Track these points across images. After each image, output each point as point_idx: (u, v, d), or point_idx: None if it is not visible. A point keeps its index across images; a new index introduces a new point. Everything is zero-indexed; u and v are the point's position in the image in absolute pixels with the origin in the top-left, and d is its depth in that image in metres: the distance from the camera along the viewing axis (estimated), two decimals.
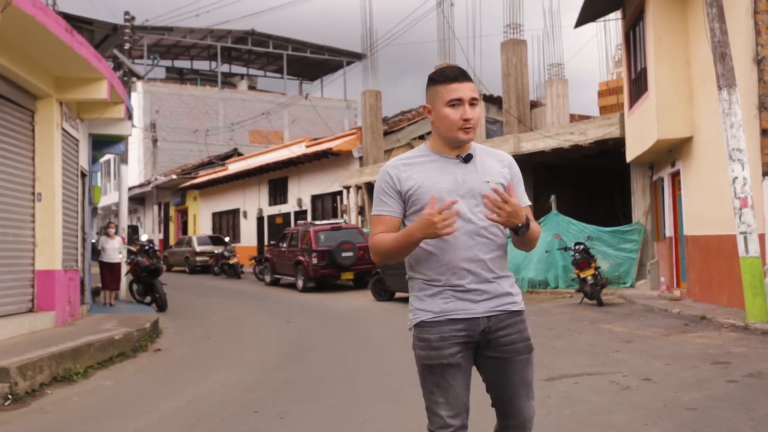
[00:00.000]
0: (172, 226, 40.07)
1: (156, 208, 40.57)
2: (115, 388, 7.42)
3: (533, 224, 2.76)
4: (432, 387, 2.70)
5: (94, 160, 15.11)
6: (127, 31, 18.15)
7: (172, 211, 40.45)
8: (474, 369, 2.78)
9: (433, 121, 2.80)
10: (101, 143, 14.36)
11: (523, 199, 2.82)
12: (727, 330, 9.70)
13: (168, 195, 39.76)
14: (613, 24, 16.89)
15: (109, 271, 14.67)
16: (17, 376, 6.73)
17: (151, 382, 7.78)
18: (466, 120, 2.70)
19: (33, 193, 10.13)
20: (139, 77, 18.43)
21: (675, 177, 14.45)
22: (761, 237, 10.27)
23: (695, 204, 13.00)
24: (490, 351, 2.72)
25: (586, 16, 15.55)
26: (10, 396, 6.56)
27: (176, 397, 6.73)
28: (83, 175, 12.73)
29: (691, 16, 12.59)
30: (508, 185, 2.68)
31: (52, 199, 10.27)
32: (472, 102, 2.73)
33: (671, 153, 14.19)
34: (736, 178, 9.93)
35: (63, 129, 10.74)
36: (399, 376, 7.39)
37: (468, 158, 2.77)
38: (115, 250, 14.82)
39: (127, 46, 18.09)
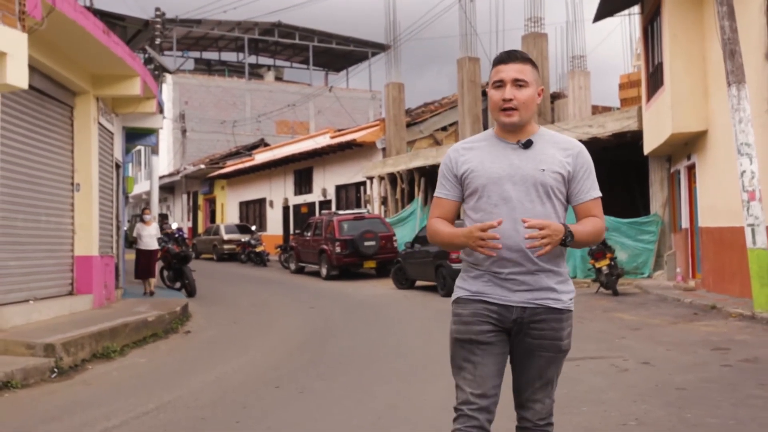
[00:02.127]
0: (200, 215, 40.90)
1: (185, 197, 41.42)
2: (149, 365, 8.00)
3: (583, 226, 2.72)
4: (460, 362, 2.74)
5: (126, 151, 15.71)
6: (158, 26, 18.73)
7: (200, 200, 41.28)
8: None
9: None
10: (134, 135, 14.98)
11: (590, 191, 2.77)
12: (734, 319, 10.04)
13: (196, 184, 40.58)
14: (636, 16, 17.09)
15: (147, 259, 14.35)
16: (62, 352, 7.33)
17: (182, 360, 8.35)
18: (504, 101, 2.69)
19: (72, 184, 10.76)
20: (169, 72, 19.00)
21: (691, 170, 14.71)
22: None
23: (709, 196, 13.28)
24: (519, 340, 2.73)
25: (604, 11, 15.82)
26: (56, 369, 7.15)
27: (205, 374, 7.27)
28: (117, 166, 13.37)
29: (706, 13, 12.83)
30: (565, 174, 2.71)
31: (89, 189, 10.89)
32: (519, 83, 2.69)
33: (687, 146, 14.45)
34: (744, 171, 10.24)
35: (99, 123, 11.34)
36: (415, 358, 7.88)
37: (527, 144, 2.74)
38: (152, 237, 14.46)
39: (158, 41, 18.68)
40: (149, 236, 14.42)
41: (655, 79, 14.95)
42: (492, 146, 2.77)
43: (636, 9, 16.52)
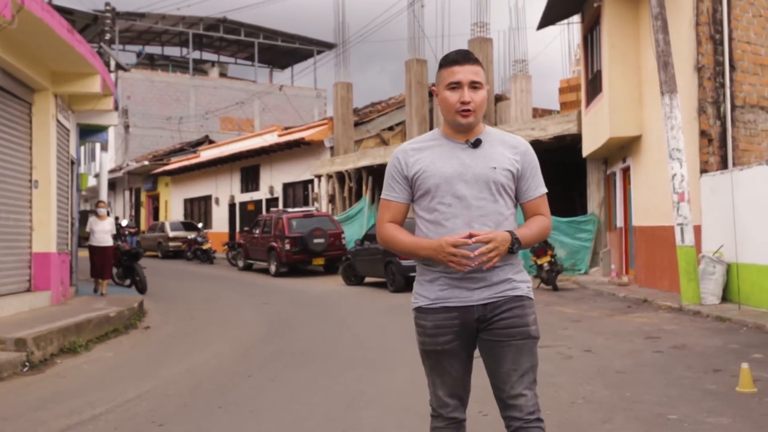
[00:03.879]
0: (143, 212, 40.47)
1: (127, 193, 40.92)
2: (117, 358, 8.25)
3: (529, 228, 2.77)
4: (429, 369, 2.80)
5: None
6: (108, 21, 18.69)
7: (143, 197, 40.85)
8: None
9: (438, 105, 2.82)
10: (85, 132, 14.99)
11: (538, 188, 2.82)
12: (664, 311, 10.85)
13: (139, 181, 40.14)
14: (577, 25, 17.93)
15: (101, 257, 13.24)
16: (33, 346, 7.54)
17: (149, 354, 8.62)
18: (463, 103, 2.69)
19: (30, 181, 10.84)
20: (124, 69, 18.97)
21: (626, 172, 15.59)
22: (696, 228, 11.43)
23: (642, 197, 14.15)
24: (486, 334, 2.72)
25: (547, 19, 16.56)
26: (27, 363, 7.36)
27: (176, 366, 7.59)
28: (72, 162, 13.42)
29: (642, 25, 13.66)
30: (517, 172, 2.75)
31: (47, 185, 10.99)
32: (474, 85, 2.71)
33: (623, 149, 15.32)
34: (675, 174, 11.04)
35: (57, 120, 11.44)
36: (373, 349, 8.35)
37: (476, 143, 2.75)
38: (106, 232, 13.32)
39: (107, 36, 18.64)
40: (103, 232, 13.32)
41: (594, 85, 15.77)
42: (441, 146, 2.77)
43: (576, 18, 17.34)
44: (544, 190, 2.84)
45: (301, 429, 4.96)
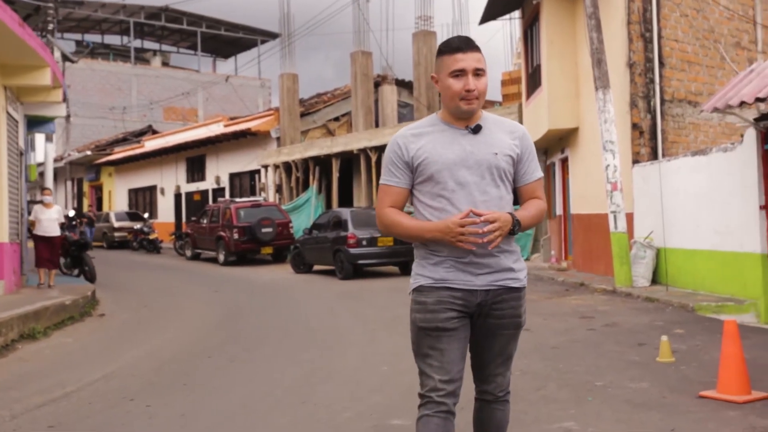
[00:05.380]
0: (85, 202, 39.87)
1: (69, 183, 40.25)
2: (77, 344, 8.49)
3: (527, 211, 2.81)
4: (427, 350, 2.75)
5: None
6: (51, 11, 18.52)
7: (85, 187, 40.24)
8: None
9: (439, 92, 2.81)
10: (32, 123, 14.93)
11: (534, 172, 2.86)
12: (599, 293, 11.57)
13: (81, 171, 39.52)
14: (517, 20, 18.61)
15: (47, 247, 12.42)
16: None
17: (108, 339, 8.86)
18: (468, 91, 2.70)
19: None
20: (72, 61, 18.82)
21: (564, 162, 16.33)
22: (628, 216, 12.17)
23: (579, 186, 14.89)
24: (481, 321, 2.78)
25: (489, 15, 17.16)
26: None
27: (136, 350, 7.88)
28: (21, 154, 13.41)
29: (578, 23, 14.34)
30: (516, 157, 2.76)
31: None
32: (477, 72, 2.72)
33: (561, 141, 16.04)
34: (608, 165, 11.74)
35: (7, 112, 11.47)
36: (326, 332, 8.78)
37: (477, 129, 2.77)
38: (53, 221, 12.52)
39: (50, 26, 18.48)
40: (50, 220, 12.49)
41: (534, 79, 16.44)
42: (442, 132, 2.78)
43: (517, 14, 17.99)
44: (540, 174, 2.88)
45: (265, 401, 5.37)
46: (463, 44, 2.72)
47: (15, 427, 4.83)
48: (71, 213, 20.72)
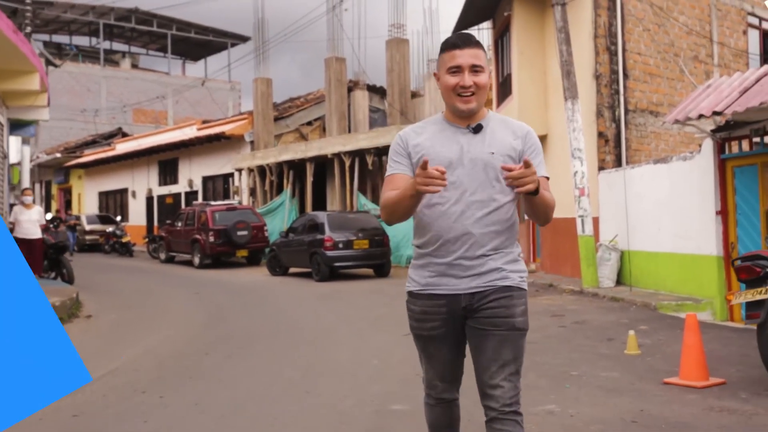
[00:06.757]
0: (54, 205, 39.63)
1: (37, 186, 39.95)
2: (73, 343, 8.78)
3: (547, 194, 2.68)
4: (420, 351, 2.89)
5: None
6: (29, 15, 18.64)
7: (54, 190, 39.99)
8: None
9: (440, 89, 2.81)
10: (13, 126, 15.12)
11: (539, 170, 2.69)
12: (567, 294, 12.19)
13: (50, 173, 39.30)
14: (488, 30, 19.24)
15: (27, 251, 11.94)
16: None
17: (101, 339, 9.19)
18: (463, 87, 2.67)
19: None
20: (55, 66, 18.94)
21: None
22: (595, 220, 12.83)
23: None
24: (472, 322, 2.73)
25: (462, 24, 17.74)
26: None
27: (133, 348, 8.24)
28: (4, 156, 13.60)
29: (547, 34, 14.99)
30: (524, 160, 2.52)
31: None
32: (475, 69, 2.69)
33: None
34: (576, 172, 12.38)
35: None
36: (312, 330, 9.22)
37: (477, 128, 2.74)
38: (34, 222, 12.14)
39: (28, 29, 18.59)
40: (30, 222, 12.13)
41: (504, 87, 17.06)
42: (442, 130, 2.78)
43: (488, 24, 18.62)
44: (546, 173, 2.77)
45: (270, 392, 5.81)
46: (460, 41, 2.73)
47: (41, 415, 5.19)
48: (48, 216, 20.76)
